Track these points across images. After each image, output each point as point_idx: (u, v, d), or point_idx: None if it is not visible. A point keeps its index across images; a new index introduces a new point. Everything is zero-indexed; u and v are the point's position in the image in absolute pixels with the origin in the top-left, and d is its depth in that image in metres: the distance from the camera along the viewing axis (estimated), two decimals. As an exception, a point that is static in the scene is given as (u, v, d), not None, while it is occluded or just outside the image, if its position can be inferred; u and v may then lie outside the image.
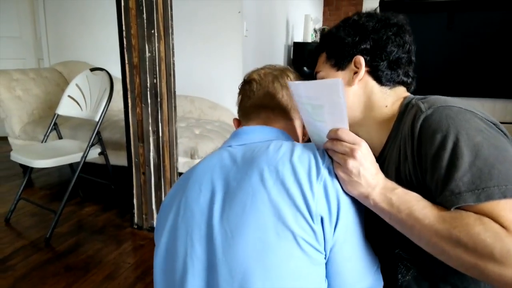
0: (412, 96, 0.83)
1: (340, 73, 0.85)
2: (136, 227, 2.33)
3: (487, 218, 0.60)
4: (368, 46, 0.82)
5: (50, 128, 2.53)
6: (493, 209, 0.60)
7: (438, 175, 0.66)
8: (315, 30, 5.12)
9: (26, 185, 2.46)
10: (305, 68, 4.48)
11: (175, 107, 2.21)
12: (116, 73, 2.39)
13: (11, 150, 2.95)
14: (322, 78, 0.89)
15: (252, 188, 0.71)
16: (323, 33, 0.91)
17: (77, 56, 3.82)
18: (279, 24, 4.40)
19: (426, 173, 0.69)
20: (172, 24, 2.13)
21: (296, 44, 4.66)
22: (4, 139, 3.38)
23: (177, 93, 2.24)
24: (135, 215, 2.32)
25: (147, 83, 2.11)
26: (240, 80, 0.97)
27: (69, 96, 2.53)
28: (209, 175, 0.78)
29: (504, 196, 0.60)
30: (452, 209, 0.63)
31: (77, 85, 2.55)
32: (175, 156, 2.23)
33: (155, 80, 2.11)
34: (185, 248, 0.74)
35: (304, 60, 4.46)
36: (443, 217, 0.62)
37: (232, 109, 3.45)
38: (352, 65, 0.84)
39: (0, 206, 2.59)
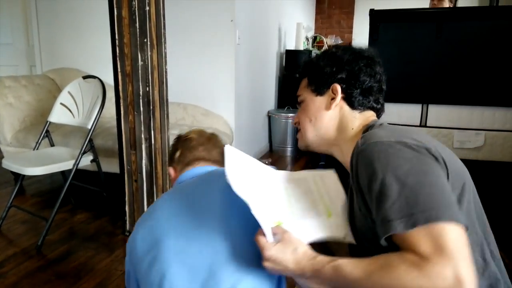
0: (372, 123, 0.91)
1: (319, 98, 0.96)
2: (128, 234, 2.33)
3: (407, 254, 0.62)
4: (344, 76, 0.93)
5: (42, 135, 2.53)
6: (415, 235, 0.63)
7: (372, 205, 0.70)
8: (307, 38, 5.18)
9: (18, 192, 2.45)
10: (297, 75, 4.53)
11: (167, 114, 2.23)
12: (109, 80, 2.41)
13: (2, 157, 2.93)
14: (302, 101, 1.00)
15: (219, 189, 0.91)
16: (305, 61, 1.03)
17: (70, 63, 3.82)
18: (272, 32, 4.44)
19: (368, 203, 0.74)
20: (164, 33, 2.15)
21: (288, 52, 4.70)
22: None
23: (169, 100, 2.26)
24: (127, 222, 2.32)
25: (139, 91, 2.13)
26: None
27: (61, 103, 2.54)
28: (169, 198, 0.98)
29: (427, 221, 0.62)
30: (382, 239, 0.67)
31: (69, 92, 2.56)
32: (167, 163, 2.24)
33: (147, 88, 2.13)
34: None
35: (296, 67, 4.51)
36: (370, 273, 0.64)
37: (224, 116, 3.47)
38: (330, 92, 0.95)
39: (-9, 214, 2.57)
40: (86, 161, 2.39)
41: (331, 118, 0.95)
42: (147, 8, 2.05)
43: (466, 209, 0.76)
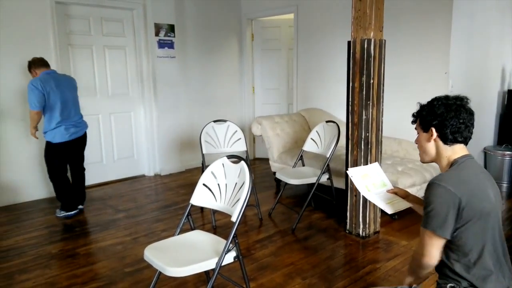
0: (456, 160, 1.48)
1: (425, 134, 1.54)
2: (347, 232, 3.37)
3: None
4: (437, 123, 1.48)
5: (298, 158, 3.87)
6: (421, 230, 1.46)
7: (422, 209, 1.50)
8: (535, 76, 5.12)
9: (277, 194, 3.83)
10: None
11: (381, 151, 3.18)
12: (339, 115, 3.52)
13: (268, 168, 4.45)
14: (418, 133, 1.59)
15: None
16: (420, 106, 1.57)
17: (315, 105, 5.21)
18: (491, 73, 4.73)
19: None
20: (383, 95, 3.12)
21: (510, 92, 4.85)
22: (266, 160, 5.00)
23: (387, 136, 3.16)
24: (348, 223, 3.36)
25: (362, 135, 3.15)
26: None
27: (311, 138, 3.82)
28: None
29: (428, 228, 1.41)
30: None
31: (317, 131, 3.82)
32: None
33: (367, 134, 3.13)
34: None
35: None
36: None
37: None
38: (430, 131, 1.51)
39: (264, 205, 4.05)
40: (324, 178, 3.57)
41: (431, 147, 1.53)
42: (372, 81, 3.06)
43: (471, 231, 1.40)
